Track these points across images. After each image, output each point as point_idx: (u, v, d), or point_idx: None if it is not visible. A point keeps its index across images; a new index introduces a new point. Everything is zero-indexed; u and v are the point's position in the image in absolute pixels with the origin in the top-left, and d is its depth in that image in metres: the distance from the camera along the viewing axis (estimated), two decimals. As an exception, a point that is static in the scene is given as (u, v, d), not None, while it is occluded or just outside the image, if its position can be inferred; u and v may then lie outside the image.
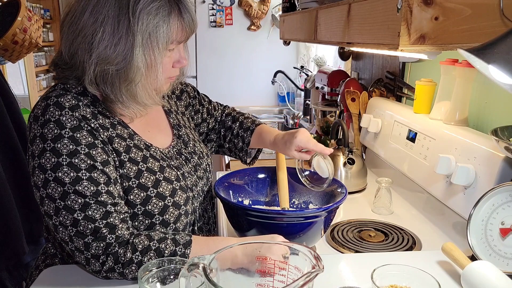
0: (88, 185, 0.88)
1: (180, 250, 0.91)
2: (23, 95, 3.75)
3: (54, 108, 0.90)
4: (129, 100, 0.95)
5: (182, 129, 1.18)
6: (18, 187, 2.01)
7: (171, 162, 1.06)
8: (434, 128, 1.30)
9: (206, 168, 1.17)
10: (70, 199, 0.87)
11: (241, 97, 3.52)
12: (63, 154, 0.88)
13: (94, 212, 0.88)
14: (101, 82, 0.93)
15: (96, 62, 0.90)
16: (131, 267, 0.88)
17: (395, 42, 0.80)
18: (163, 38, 0.92)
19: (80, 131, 0.90)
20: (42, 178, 0.88)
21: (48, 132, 0.88)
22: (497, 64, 0.66)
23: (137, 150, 0.99)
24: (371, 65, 2.05)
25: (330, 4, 1.22)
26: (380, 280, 0.81)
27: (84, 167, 0.89)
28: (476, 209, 0.96)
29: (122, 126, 1.00)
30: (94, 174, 0.89)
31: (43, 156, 0.88)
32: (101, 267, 0.88)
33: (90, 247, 0.88)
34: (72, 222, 0.87)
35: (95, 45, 0.89)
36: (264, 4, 3.33)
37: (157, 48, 0.92)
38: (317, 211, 1.00)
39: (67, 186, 0.87)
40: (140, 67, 0.91)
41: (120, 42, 0.89)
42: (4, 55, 2.15)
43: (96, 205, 0.88)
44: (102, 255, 0.88)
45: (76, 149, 0.89)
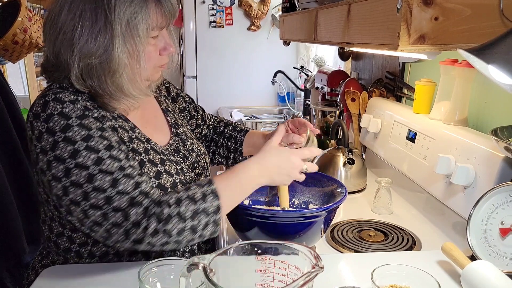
0: (111, 162, 0.90)
1: (208, 191, 0.92)
2: (23, 95, 3.76)
3: (54, 103, 0.90)
4: (116, 92, 0.95)
5: (180, 127, 1.19)
6: (18, 187, 2.01)
7: (171, 157, 1.08)
8: (433, 128, 1.31)
9: (204, 166, 1.18)
10: (97, 180, 0.88)
11: (241, 97, 3.52)
12: (77, 140, 0.89)
13: (124, 185, 0.89)
14: (87, 77, 0.93)
15: (79, 57, 0.91)
16: (172, 221, 0.88)
17: (395, 42, 0.80)
18: (142, 25, 0.92)
19: (87, 118, 0.91)
20: (63, 168, 0.88)
21: (54, 125, 0.89)
22: (496, 64, 0.66)
23: (139, 142, 1.01)
24: (371, 65, 2.05)
25: (330, 4, 1.22)
26: (380, 280, 0.81)
27: (102, 147, 0.90)
28: (476, 209, 0.96)
29: (123, 120, 1.01)
30: (114, 152, 0.91)
31: (57, 147, 0.88)
32: (144, 233, 0.88)
33: (129, 216, 0.88)
34: (106, 200, 0.88)
35: (76, 41, 0.90)
36: (264, 5, 3.33)
37: (137, 36, 0.92)
38: (317, 211, 1.00)
39: (91, 169, 0.88)
40: (122, 57, 0.92)
41: (99, 34, 0.90)
42: (4, 55, 2.15)
43: (124, 178, 0.90)
44: (143, 219, 0.88)
45: (89, 133, 0.90)
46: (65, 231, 1.00)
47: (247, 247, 0.76)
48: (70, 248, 1.01)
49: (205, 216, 0.90)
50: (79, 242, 1.00)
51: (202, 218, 0.90)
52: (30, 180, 2.07)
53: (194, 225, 0.90)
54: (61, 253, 1.03)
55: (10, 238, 1.91)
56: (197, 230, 0.91)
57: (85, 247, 1.00)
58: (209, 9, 3.35)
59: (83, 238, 1.00)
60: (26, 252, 1.96)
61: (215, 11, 3.35)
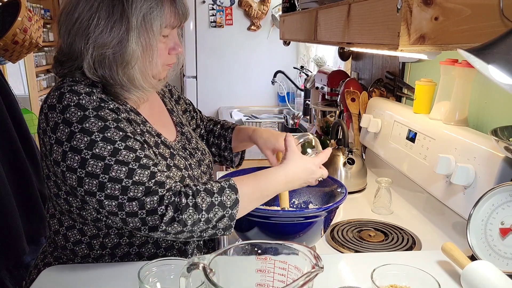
0: (127, 153, 0.91)
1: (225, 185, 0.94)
2: (23, 95, 3.76)
3: (71, 95, 0.92)
4: (127, 83, 0.98)
5: (184, 127, 1.21)
6: (18, 187, 2.01)
7: (179, 152, 1.10)
8: (434, 128, 1.31)
9: (208, 164, 1.20)
10: (114, 170, 0.90)
11: (241, 97, 3.52)
12: (94, 131, 0.90)
13: (140, 176, 0.90)
14: (99, 66, 0.95)
15: (93, 47, 0.94)
16: (188, 210, 0.90)
17: (395, 42, 0.80)
18: (156, 21, 0.95)
19: (102, 110, 0.93)
20: (78, 158, 0.90)
21: (71, 116, 0.91)
22: (497, 64, 0.66)
23: (149, 135, 1.03)
24: (371, 65, 2.05)
25: (330, 4, 1.22)
26: (380, 280, 0.81)
27: (119, 138, 0.92)
28: (476, 209, 0.96)
29: (134, 113, 1.04)
30: (129, 143, 0.92)
31: (74, 138, 0.90)
32: (160, 220, 0.89)
33: (144, 205, 0.89)
34: (121, 190, 0.89)
35: (91, 30, 0.93)
36: (264, 4, 3.33)
37: (151, 31, 0.95)
38: (317, 211, 1.00)
39: (107, 159, 0.90)
40: (135, 50, 0.94)
41: (115, 26, 0.93)
42: (4, 55, 2.15)
43: (140, 169, 0.91)
44: (160, 207, 0.89)
45: (105, 124, 0.92)
46: (76, 224, 1.02)
47: (247, 247, 0.76)
48: (81, 240, 1.02)
49: (221, 210, 0.92)
50: (90, 235, 1.01)
51: (218, 212, 0.92)
52: (30, 180, 2.08)
53: (210, 217, 0.91)
54: (70, 246, 1.03)
55: (10, 238, 1.91)
56: (212, 222, 0.92)
57: (96, 239, 1.02)
58: (209, 9, 3.35)
59: (94, 230, 1.01)
60: (26, 252, 1.96)
61: (215, 11, 3.35)
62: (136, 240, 1.02)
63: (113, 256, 1.03)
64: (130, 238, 1.02)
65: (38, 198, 2.11)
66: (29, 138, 2.12)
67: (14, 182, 1.99)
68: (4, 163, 1.94)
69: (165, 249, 1.05)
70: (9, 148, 1.99)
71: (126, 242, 1.02)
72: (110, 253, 1.02)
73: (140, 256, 1.04)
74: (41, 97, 4.03)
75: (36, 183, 2.11)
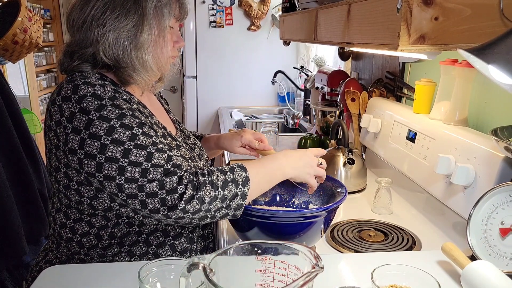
0: (144, 138, 0.96)
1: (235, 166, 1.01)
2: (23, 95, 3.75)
3: (86, 86, 0.97)
4: (139, 66, 1.03)
5: (182, 125, 1.28)
6: (18, 187, 2.01)
7: (184, 144, 1.15)
8: (434, 128, 1.31)
9: (206, 160, 1.26)
10: (133, 154, 0.93)
11: (241, 97, 3.52)
12: (112, 118, 0.94)
13: (159, 159, 0.95)
14: (114, 49, 1.01)
15: (109, 31, 1.00)
16: (206, 188, 0.95)
17: (395, 42, 0.80)
18: (167, 9, 1.03)
19: (117, 99, 0.98)
20: (98, 144, 0.93)
21: (88, 105, 0.94)
22: (497, 64, 0.66)
23: (157, 127, 1.06)
24: (371, 65, 2.05)
25: (330, 4, 1.22)
26: (380, 280, 0.81)
27: (136, 125, 0.96)
28: (476, 209, 0.96)
29: (142, 106, 1.07)
30: (145, 129, 0.97)
31: (92, 125, 0.93)
32: (179, 199, 0.93)
33: (164, 185, 0.93)
34: (141, 173, 0.93)
35: (107, 16, 0.99)
36: (264, 4, 3.33)
37: (162, 18, 1.03)
38: (317, 211, 1.00)
39: (127, 144, 0.94)
40: (149, 34, 1.01)
41: (130, 11, 1.00)
42: (4, 55, 2.15)
43: (158, 152, 0.95)
44: (179, 186, 0.93)
45: (122, 112, 0.96)
46: (83, 216, 1.03)
47: (247, 247, 0.76)
48: (88, 231, 1.03)
49: (235, 187, 0.97)
50: (99, 226, 1.03)
51: (232, 188, 0.97)
52: (30, 180, 2.08)
53: (225, 195, 0.96)
54: (77, 238, 1.04)
55: (10, 238, 1.91)
56: (226, 199, 0.96)
57: (105, 230, 1.03)
58: (209, 9, 3.35)
59: (103, 221, 1.03)
60: (26, 252, 1.96)
61: (215, 11, 3.35)
62: (145, 229, 1.04)
63: (121, 245, 1.04)
64: (140, 227, 1.04)
65: (38, 198, 2.11)
66: (29, 138, 2.12)
67: (14, 182, 1.99)
68: (4, 163, 1.95)
69: (173, 237, 1.07)
70: (9, 148, 2.00)
71: (136, 231, 1.04)
72: (118, 242, 1.04)
73: (149, 244, 1.05)
74: (41, 97, 4.03)
75: (36, 183, 2.11)
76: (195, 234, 1.11)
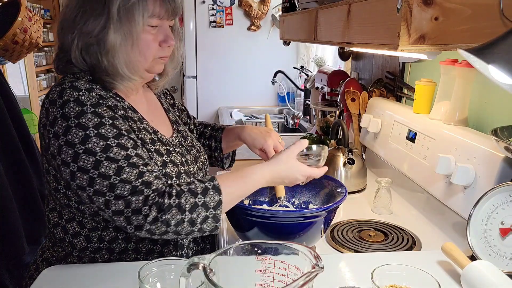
0: (118, 150, 0.92)
1: (209, 186, 0.95)
2: (23, 95, 3.76)
3: (71, 90, 0.95)
4: (113, 71, 0.99)
5: (180, 125, 1.24)
6: (18, 187, 2.01)
7: (176, 148, 1.11)
8: (434, 128, 1.31)
9: (204, 161, 1.22)
10: (104, 166, 0.91)
11: (241, 97, 3.52)
12: (89, 127, 0.92)
13: (128, 174, 0.91)
14: (86, 55, 0.99)
15: (79, 36, 0.98)
16: (172, 211, 0.90)
17: (395, 42, 0.80)
18: (138, 11, 0.97)
19: (100, 107, 0.95)
20: (72, 153, 0.91)
21: (69, 111, 0.93)
22: (497, 64, 0.66)
23: (146, 132, 1.04)
24: (371, 65, 2.05)
25: (330, 4, 1.22)
26: (380, 280, 0.81)
27: (112, 135, 0.93)
28: (476, 209, 0.96)
29: (132, 111, 1.05)
30: (122, 140, 0.94)
31: (69, 132, 0.92)
32: (144, 220, 0.90)
33: (130, 204, 0.90)
34: (109, 187, 0.90)
35: (77, 21, 0.98)
36: (264, 4, 3.33)
37: (133, 21, 0.97)
38: (317, 211, 1.00)
39: (98, 155, 0.91)
40: (115, 39, 0.97)
41: (97, 15, 0.96)
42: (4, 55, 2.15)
43: (129, 167, 0.92)
44: (144, 207, 0.90)
45: (101, 121, 0.93)
46: (75, 216, 1.03)
47: (247, 247, 0.76)
48: (79, 232, 1.03)
49: (205, 210, 0.92)
50: (89, 227, 1.02)
51: (202, 212, 0.92)
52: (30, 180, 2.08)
53: (193, 218, 0.92)
54: (69, 238, 1.04)
55: (10, 238, 1.91)
56: (196, 223, 0.92)
57: (95, 232, 1.02)
58: (209, 9, 3.35)
59: (93, 223, 1.02)
60: (26, 252, 1.96)
61: (215, 11, 3.35)
62: (133, 236, 1.03)
63: (110, 251, 1.03)
64: (128, 233, 1.02)
65: (38, 198, 2.11)
66: (29, 138, 2.12)
67: (14, 182, 1.99)
68: (4, 163, 1.95)
69: (162, 245, 1.06)
70: (9, 148, 2.00)
71: (123, 237, 1.03)
72: (107, 247, 1.03)
73: (138, 252, 1.04)
74: (41, 97, 4.03)
75: (36, 183, 2.11)
76: (185, 240, 1.10)
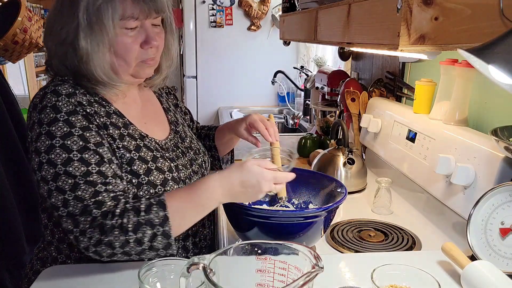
0: (78, 165, 0.90)
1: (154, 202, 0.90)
2: (23, 95, 3.75)
3: (52, 95, 0.94)
4: (92, 77, 0.98)
5: (179, 126, 1.21)
6: (18, 187, 2.01)
7: (166, 153, 1.08)
8: (434, 128, 1.31)
9: (201, 164, 1.19)
10: (61, 180, 0.89)
11: (241, 97, 3.51)
12: (56, 136, 0.91)
13: (83, 192, 0.89)
14: (65, 60, 0.98)
15: (55, 44, 0.98)
16: (114, 232, 0.87)
17: (395, 42, 0.80)
18: (107, 14, 0.93)
19: (75, 115, 0.93)
20: (38, 161, 0.91)
21: (44, 116, 0.92)
22: (497, 64, 0.66)
23: (130, 139, 1.02)
24: (371, 65, 2.05)
25: (330, 4, 1.22)
26: (380, 280, 0.81)
27: (76, 148, 0.91)
28: (476, 209, 0.96)
29: (118, 116, 1.03)
30: (86, 155, 0.91)
31: (39, 139, 0.91)
32: (89, 242, 0.88)
33: (78, 224, 0.89)
34: (63, 203, 0.89)
35: (55, 27, 0.98)
36: (264, 4, 3.33)
37: (102, 24, 0.94)
38: (317, 211, 1.00)
39: (58, 168, 0.90)
40: (85, 45, 0.95)
41: (68, 22, 0.96)
42: (4, 55, 2.15)
43: (85, 185, 0.90)
44: (89, 229, 0.88)
45: (70, 131, 0.92)
46: None
47: (247, 247, 0.76)
48: (63, 238, 1.02)
49: (150, 228, 0.88)
50: None
51: (147, 230, 0.88)
52: (30, 180, 2.07)
53: (138, 238, 0.88)
54: (55, 243, 1.04)
55: (10, 238, 1.91)
56: (143, 242, 0.89)
57: None
58: (209, 9, 3.35)
59: None
60: (26, 252, 1.96)
61: (215, 11, 3.35)
62: None
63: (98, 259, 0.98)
64: None
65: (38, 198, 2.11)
66: (29, 138, 2.12)
67: (14, 182, 1.99)
68: (4, 163, 1.94)
69: None
70: (9, 148, 1.99)
71: None
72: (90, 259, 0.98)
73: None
74: (41, 97, 4.03)
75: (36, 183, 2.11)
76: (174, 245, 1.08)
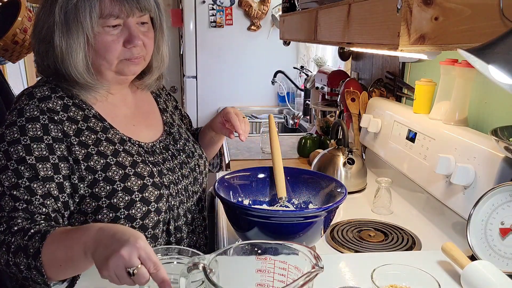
0: (11, 176, 0.89)
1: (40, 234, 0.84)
2: (23, 95, 3.75)
3: (25, 98, 0.95)
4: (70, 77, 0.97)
5: (174, 127, 1.19)
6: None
7: (150, 157, 1.06)
8: (433, 128, 1.31)
9: (194, 168, 1.16)
10: None
11: (241, 97, 3.52)
12: (5, 141, 0.91)
13: (4, 204, 0.88)
14: (46, 59, 0.98)
15: (38, 43, 0.98)
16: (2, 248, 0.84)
17: (395, 42, 0.81)
18: (84, 13, 0.92)
19: (33, 123, 0.93)
20: None
21: (8, 118, 0.94)
22: (497, 64, 0.66)
23: (108, 143, 1.00)
24: (371, 65, 2.05)
25: (330, 4, 1.22)
26: (380, 280, 0.81)
27: (15, 158, 0.90)
28: (476, 209, 0.96)
29: (97, 120, 1.01)
30: (21, 167, 0.90)
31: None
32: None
33: None
34: None
35: (38, 25, 0.98)
36: (264, 4, 3.33)
37: (79, 23, 0.93)
38: (317, 211, 1.00)
39: None
40: (60, 45, 0.94)
41: (47, 21, 0.95)
42: (4, 55, 2.15)
43: (9, 198, 0.89)
44: None
45: (19, 138, 0.91)
46: None
47: (247, 247, 0.76)
48: None
49: (25, 257, 0.82)
50: None
51: (23, 258, 0.82)
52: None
53: (17, 262, 0.83)
54: None
55: None
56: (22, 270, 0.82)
57: None
58: (209, 9, 3.35)
59: None
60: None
61: (215, 11, 3.35)
62: None
63: None
64: None
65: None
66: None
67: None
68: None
69: None
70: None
71: None
72: None
73: None
74: (41, 97, 4.04)
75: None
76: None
